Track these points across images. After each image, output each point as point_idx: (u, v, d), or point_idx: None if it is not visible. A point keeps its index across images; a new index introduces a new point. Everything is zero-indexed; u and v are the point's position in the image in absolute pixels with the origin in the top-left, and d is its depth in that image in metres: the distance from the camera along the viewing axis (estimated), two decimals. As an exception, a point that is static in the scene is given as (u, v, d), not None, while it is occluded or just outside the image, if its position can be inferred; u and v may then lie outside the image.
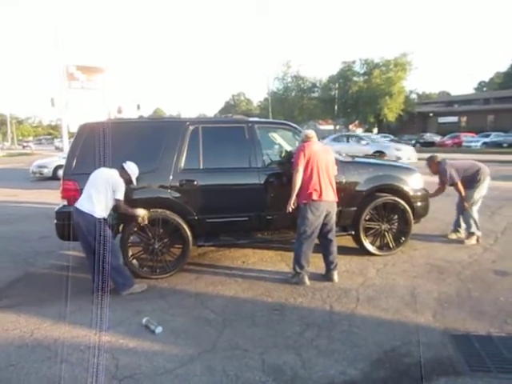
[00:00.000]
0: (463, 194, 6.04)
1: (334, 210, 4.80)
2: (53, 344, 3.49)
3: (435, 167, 6.29)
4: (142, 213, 4.63)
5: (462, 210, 6.24)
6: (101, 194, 4.35)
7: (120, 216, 4.69)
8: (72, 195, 4.75)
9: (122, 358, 3.27)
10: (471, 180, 6.09)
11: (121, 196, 4.43)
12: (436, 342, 3.40)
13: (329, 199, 4.67)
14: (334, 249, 4.83)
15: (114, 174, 4.47)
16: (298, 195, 4.71)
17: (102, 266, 4.36)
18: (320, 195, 4.60)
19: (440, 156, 6.42)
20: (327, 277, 4.80)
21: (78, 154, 4.90)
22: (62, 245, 5.78)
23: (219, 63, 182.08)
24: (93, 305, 4.19)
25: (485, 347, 3.28)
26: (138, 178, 4.71)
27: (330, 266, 4.81)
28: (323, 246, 4.87)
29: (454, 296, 4.31)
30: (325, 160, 4.70)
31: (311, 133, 4.87)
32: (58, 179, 6.91)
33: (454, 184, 6.06)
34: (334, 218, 4.81)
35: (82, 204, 4.35)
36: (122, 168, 4.56)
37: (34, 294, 4.65)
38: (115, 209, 4.51)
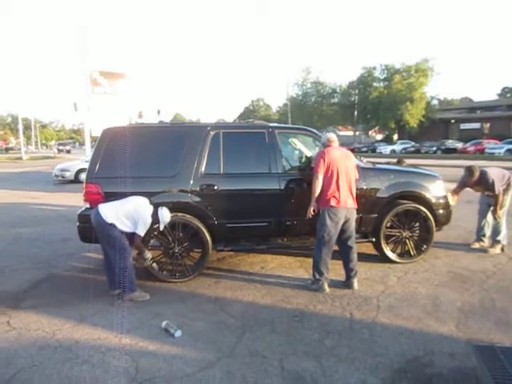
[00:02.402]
0: (500, 202, 5.84)
1: (354, 216, 4.76)
2: (74, 345, 3.53)
3: (476, 179, 5.91)
4: (148, 256, 4.63)
5: (494, 218, 6.04)
6: (123, 212, 4.37)
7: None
8: (94, 198, 4.82)
9: (141, 360, 3.29)
10: (505, 188, 5.94)
11: (140, 231, 4.41)
12: (459, 352, 3.33)
13: (348, 206, 4.63)
14: (354, 256, 4.78)
15: (147, 208, 4.46)
16: (317, 201, 4.69)
17: (110, 266, 4.43)
18: (338, 202, 4.56)
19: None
20: (347, 284, 4.75)
21: (100, 158, 4.97)
22: (84, 247, 5.86)
23: (239, 69, 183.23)
24: (113, 307, 4.24)
25: (510, 359, 3.18)
26: (159, 182, 4.74)
27: (350, 273, 4.76)
28: (343, 253, 4.82)
29: (478, 306, 4.21)
30: (344, 166, 4.66)
31: (333, 137, 4.84)
32: (80, 182, 7.04)
33: (497, 195, 5.80)
34: (353, 224, 4.76)
35: (102, 208, 4.41)
36: (157, 212, 4.51)
37: (57, 295, 4.71)
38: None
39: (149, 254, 4.65)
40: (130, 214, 4.38)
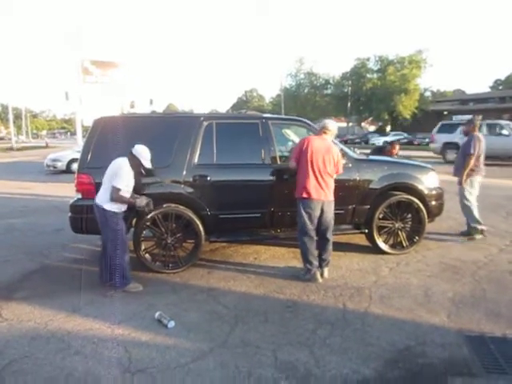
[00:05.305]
0: (469, 166, 6.08)
1: (330, 209, 4.72)
2: (66, 336, 3.52)
3: (471, 131, 6.31)
4: (143, 202, 4.34)
5: (464, 197, 6.28)
6: (106, 185, 4.29)
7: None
8: (86, 188, 4.78)
9: (134, 351, 3.28)
10: (481, 168, 6.20)
11: (117, 183, 4.17)
12: (450, 342, 3.36)
13: (321, 198, 4.61)
14: (330, 247, 4.80)
15: (119, 161, 4.30)
16: (295, 190, 4.73)
17: (106, 258, 4.38)
18: (310, 194, 4.57)
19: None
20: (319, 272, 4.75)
21: (92, 148, 4.91)
22: (77, 238, 5.83)
23: (232, 59, 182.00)
24: (106, 298, 4.23)
25: (500, 349, 3.23)
26: (151, 171, 4.60)
27: (322, 262, 4.77)
28: (319, 244, 4.79)
29: (469, 296, 4.25)
30: (321, 159, 4.58)
31: (330, 125, 4.74)
32: (72, 172, 6.99)
33: (469, 156, 6.07)
34: (330, 216, 4.71)
35: (98, 196, 4.37)
36: (131, 154, 4.33)
37: (49, 286, 4.68)
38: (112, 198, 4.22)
39: (144, 200, 4.36)
40: (112, 174, 4.23)
